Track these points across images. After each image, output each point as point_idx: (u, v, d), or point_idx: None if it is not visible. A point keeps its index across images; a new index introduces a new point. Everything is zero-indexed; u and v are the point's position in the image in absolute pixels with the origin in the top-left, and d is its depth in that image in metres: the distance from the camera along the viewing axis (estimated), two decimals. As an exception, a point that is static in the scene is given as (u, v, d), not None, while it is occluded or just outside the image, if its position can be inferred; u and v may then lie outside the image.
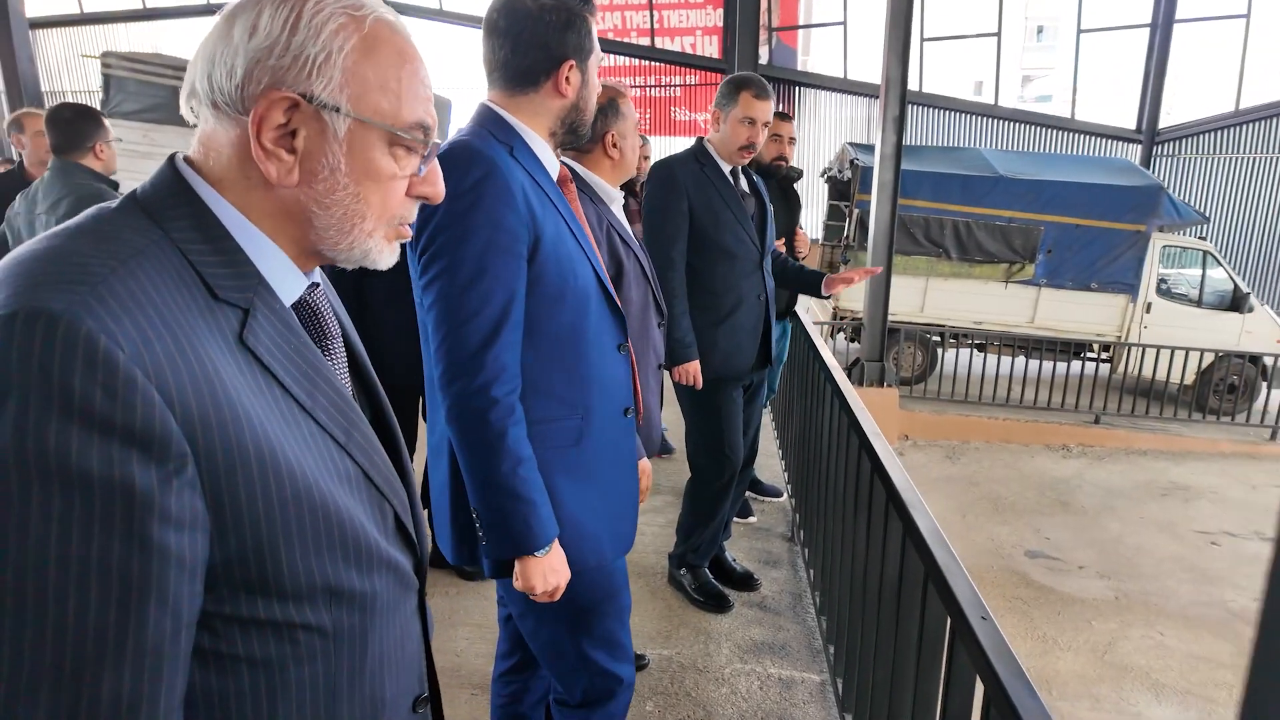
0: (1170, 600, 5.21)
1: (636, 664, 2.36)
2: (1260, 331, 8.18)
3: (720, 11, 13.30)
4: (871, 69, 12.54)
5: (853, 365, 7.60)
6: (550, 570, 1.27)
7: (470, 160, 1.22)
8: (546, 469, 1.28)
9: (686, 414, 2.64)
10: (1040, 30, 33.05)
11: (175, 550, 0.54)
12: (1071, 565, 5.63)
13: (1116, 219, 8.15)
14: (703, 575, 2.76)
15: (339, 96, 0.64)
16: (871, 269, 2.57)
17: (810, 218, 10.54)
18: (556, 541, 1.28)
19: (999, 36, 12.89)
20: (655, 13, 13.60)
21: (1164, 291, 8.50)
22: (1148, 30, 12.42)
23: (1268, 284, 11.93)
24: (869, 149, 8.33)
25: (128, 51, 7.11)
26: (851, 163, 8.71)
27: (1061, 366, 8.27)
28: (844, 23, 13.22)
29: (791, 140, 3.29)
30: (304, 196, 0.65)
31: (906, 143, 6.80)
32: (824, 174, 10.05)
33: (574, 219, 1.35)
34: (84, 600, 0.50)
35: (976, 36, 13.31)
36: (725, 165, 2.47)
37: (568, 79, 1.30)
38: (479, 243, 1.19)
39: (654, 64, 14.02)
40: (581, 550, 1.35)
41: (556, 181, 1.36)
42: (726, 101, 2.42)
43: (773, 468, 4.00)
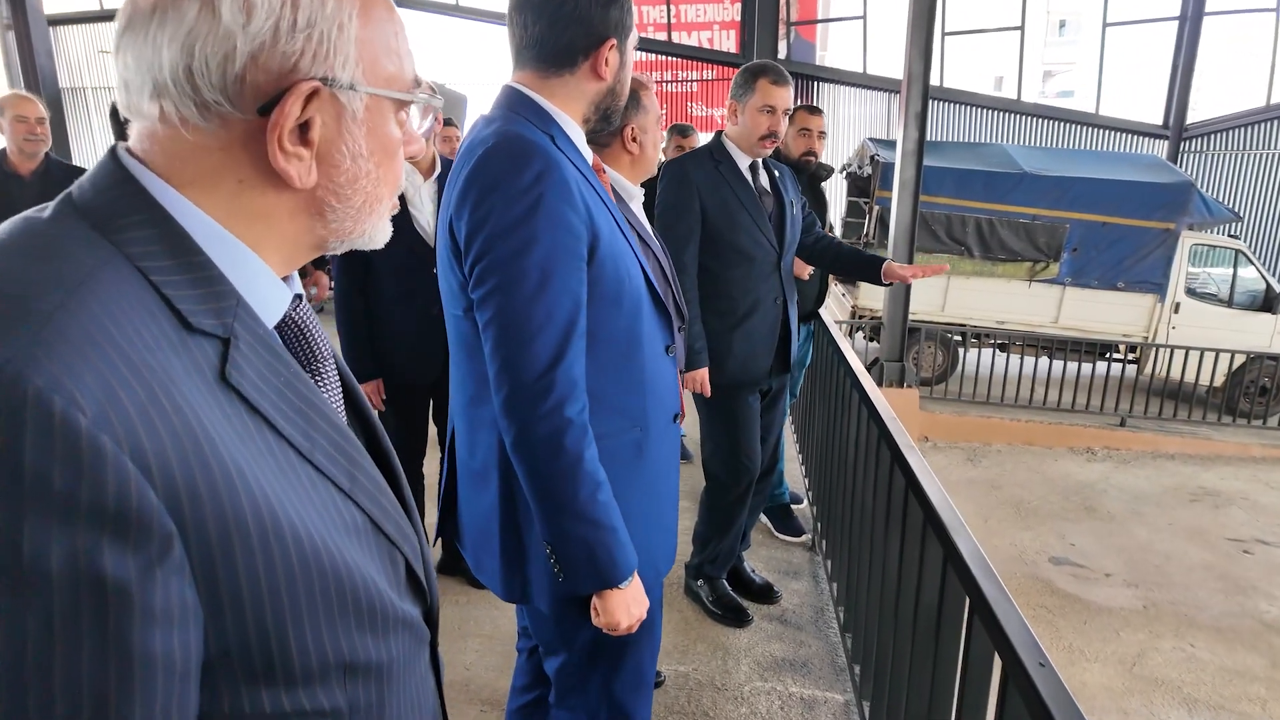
0: (1201, 611, 5.05)
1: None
2: (1292, 333, 7.97)
3: (738, 6, 13.15)
4: (891, 64, 12.36)
5: (872, 365, 7.47)
6: (634, 602, 1.17)
7: (527, 153, 1.08)
8: (613, 488, 1.18)
9: (702, 420, 2.54)
10: (1062, 24, 32.59)
11: (163, 655, 0.44)
12: (1098, 573, 5.48)
13: (1145, 217, 7.95)
14: (721, 587, 2.66)
15: (356, 72, 0.56)
16: (939, 266, 2.39)
17: (830, 215, 10.38)
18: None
19: (1022, 30, 12.67)
20: (672, 7, 13.47)
21: (1193, 291, 8.29)
22: (1176, 23, 12.14)
23: (1299, 284, 11.64)
24: (889, 145, 8.19)
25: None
26: (872, 159, 8.56)
27: (1086, 367, 8.09)
28: (864, 17, 13.04)
29: (822, 135, 3.14)
30: (321, 192, 0.57)
31: (927, 139, 6.65)
32: (843, 170, 9.90)
33: (619, 213, 1.25)
34: None
35: (999, 30, 13.09)
36: (744, 160, 2.36)
37: (607, 60, 1.17)
38: (544, 248, 1.07)
39: (671, 59, 13.90)
40: (644, 573, 1.24)
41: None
42: (743, 91, 2.30)
43: (792, 472, 3.89)
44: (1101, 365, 8.14)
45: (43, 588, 0.40)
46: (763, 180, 2.40)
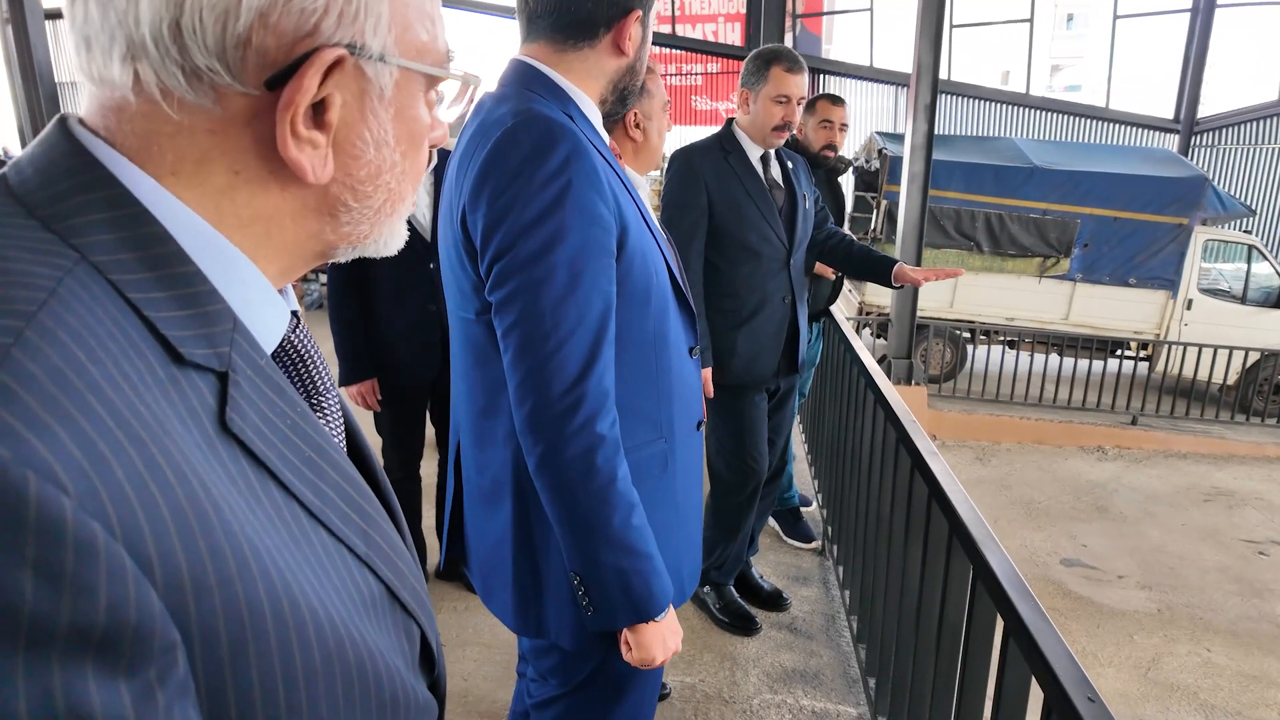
0: (1217, 614, 4.95)
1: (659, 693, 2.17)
2: (1308, 330, 7.83)
3: (743, -2, 13.03)
4: (898, 57, 12.23)
5: (879, 362, 7.35)
6: (670, 634, 1.06)
7: (552, 134, 0.95)
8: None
9: (708, 421, 2.44)
10: (1070, 18, 32.36)
11: None
12: (1110, 575, 5.38)
13: (1158, 212, 7.82)
14: (728, 594, 2.57)
15: (387, 40, 0.44)
16: (954, 270, 2.26)
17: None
18: None
19: (1031, 23, 12.53)
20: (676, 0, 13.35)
21: (1206, 288, 8.16)
22: (1188, 15, 11.98)
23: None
24: (897, 138, 8.08)
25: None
26: (880, 152, 8.45)
27: (1097, 365, 7.97)
28: (870, 9, 12.90)
29: (844, 127, 3.02)
30: (336, 188, 0.46)
31: (935, 132, 6.54)
32: (853, 164, 9.79)
33: (642, 201, 1.14)
34: None
35: (1008, 23, 12.95)
36: (754, 151, 2.25)
37: (631, 34, 1.05)
38: (574, 242, 0.95)
39: (675, 52, 13.78)
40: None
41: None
42: (756, 80, 2.19)
43: (801, 474, 3.79)
44: (1113, 363, 8.02)
45: None
46: (774, 172, 2.29)
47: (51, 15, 12.57)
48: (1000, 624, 1.14)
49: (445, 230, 1.07)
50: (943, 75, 12.44)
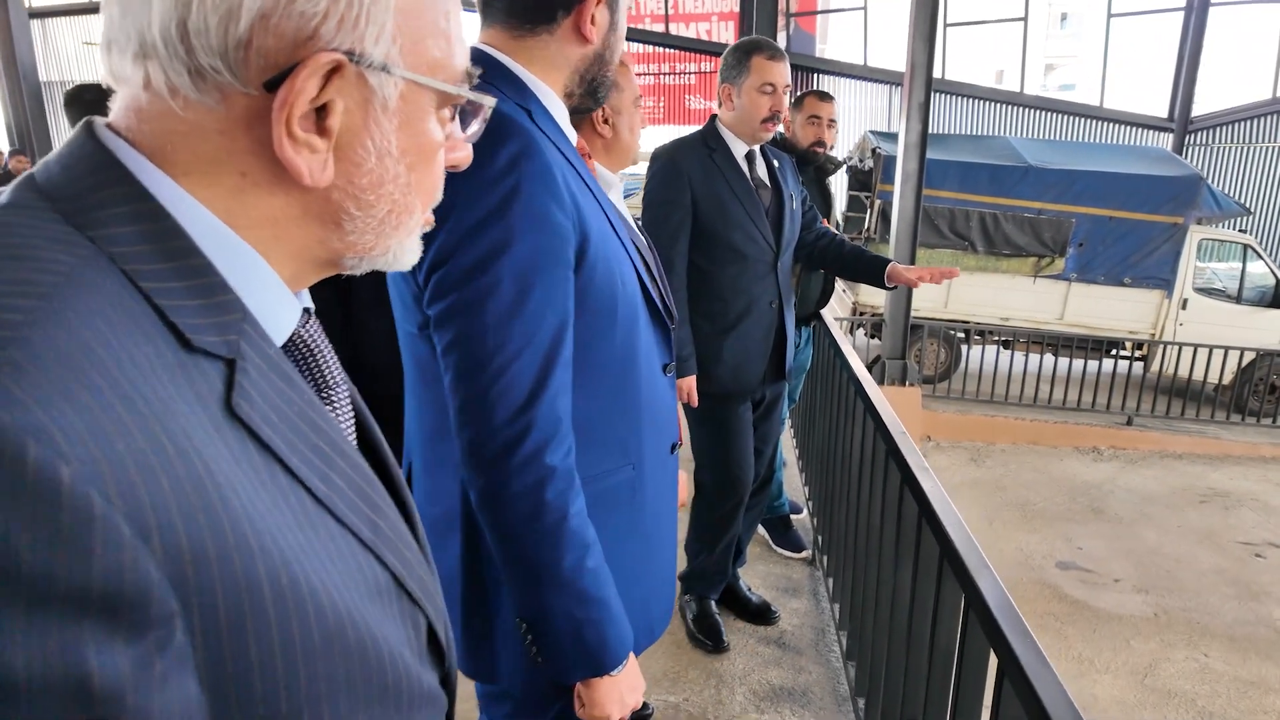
0: (1214, 618, 4.89)
1: (640, 714, 2.10)
2: (1303, 329, 7.80)
3: (736, -3, 12.95)
4: (892, 56, 12.17)
5: (873, 363, 7.32)
6: (628, 689, 0.97)
7: (499, 130, 0.85)
8: (602, 541, 0.98)
9: (691, 429, 2.36)
10: (1064, 17, 32.37)
11: None
12: (1106, 578, 5.32)
13: (1153, 211, 7.77)
14: (707, 607, 2.47)
15: (392, 50, 0.46)
16: (949, 270, 2.12)
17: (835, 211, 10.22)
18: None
19: (1025, 22, 12.48)
20: (670, -2, 13.27)
21: (1201, 287, 8.12)
22: (1182, 14, 11.94)
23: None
24: (891, 137, 8.01)
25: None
26: (873, 151, 8.39)
27: (1092, 365, 7.93)
28: (864, 8, 12.84)
29: (832, 123, 2.93)
30: (338, 195, 0.47)
31: (930, 131, 6.48)
32: (844, 163, 9.73)
33: (610, 204, 1.04)
34: None
35: (1002, 22, 12.91)
36: (740, 149, 2.16)
37: (593, 18, 0.96)
38: (522, 251, 0.86)
39: (668, 51, 13.71)
40: (638, 638, 1.05)
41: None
42: (736, 73, 2.09)
43: (792, 479, 3.72)
44: (1108, 363, 7.98)
45: (7, 702, 0.30)
46: (760, 171, 2.21)
47: (36, 14, 12.42)
48: (993, 658, 1.07)
49: None
50: (937, 74, 12.39)
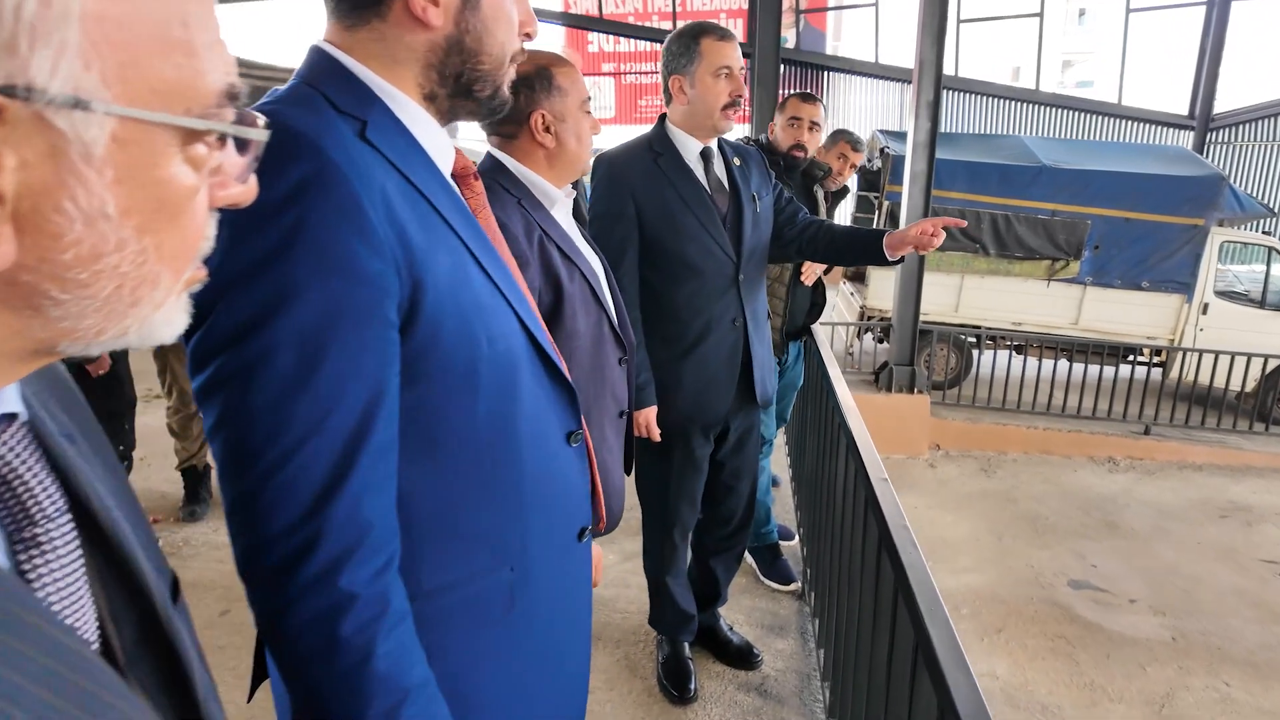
0: (1235, 643, 4.66)
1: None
2: (1330, 336, 7.51)
3: (745, -7, 12.73)
4: (904, 53, 11.91)
5: (881, 369, 7.11)
6: None
7: (283, 152, 0.67)
8: (458, 661, 0.81)
9: (637, 455, 2.10)
10: (1082, 13, 31.85)
11: None
12: (1121, 598, 5.09)
13: (1172, 212, 7.51)
14: (678, 649, 2.28)
15: (86, 79, 0.33)
16: (955, 220, 1.82)
17: (840, 209, 10.00)
18: None
19: (1041, 17, 12.19)
20: (677, -5, 13.07)
21: (1223, 291, 7.84)
22: (1203, 8, 11.61)
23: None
24: (900, 136, 7.79)
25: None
26: (882, 151, 8.17)
27: (1108, 372, 7.69)
28: (875, 4, 12.59)
29: (813, 126, 2.72)
30: (29, 277, 0.35)
31: (941, 130, 6.26)
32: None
33: (481, 238, 0.84)
34: None
35: (1017, 17, 12.61)
36: (692, 149, 1.93)
37: None
38: (311, 304, 0.67)
39: (675, 49, 13.50)
40: None
41: (452, 176, 0.86)
42: (685, 60, 1.87)
43: (784, 501, 3.53)
44: (1124, 369, 7.73)
45: None
46: (718, 171, 1.97)
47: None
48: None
49: None
50: (951, 71, 12.13)
